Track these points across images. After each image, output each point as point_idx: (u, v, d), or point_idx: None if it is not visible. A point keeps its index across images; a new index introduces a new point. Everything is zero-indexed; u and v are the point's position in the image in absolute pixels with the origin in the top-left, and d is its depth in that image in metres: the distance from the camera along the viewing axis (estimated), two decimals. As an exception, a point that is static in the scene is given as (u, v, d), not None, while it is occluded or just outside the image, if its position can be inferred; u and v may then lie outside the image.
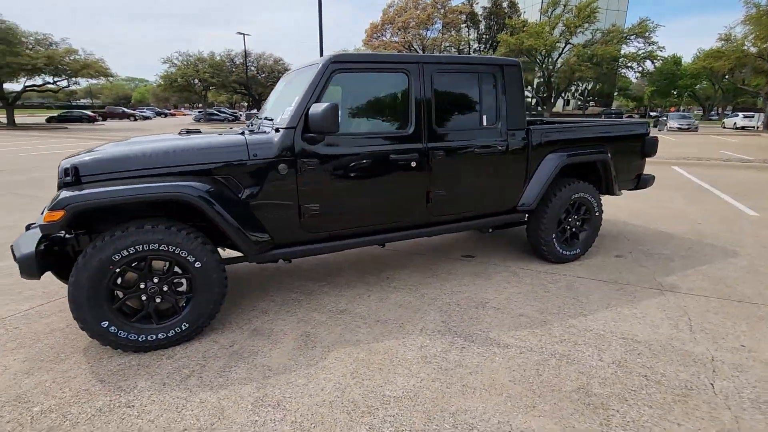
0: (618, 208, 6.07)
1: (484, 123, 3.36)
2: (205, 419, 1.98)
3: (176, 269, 2.51)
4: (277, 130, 2.79)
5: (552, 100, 37.05)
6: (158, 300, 2.49)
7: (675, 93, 48.92)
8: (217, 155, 2.63)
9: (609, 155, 3.89)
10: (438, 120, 3.16)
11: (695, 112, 51.74)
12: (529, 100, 48.34)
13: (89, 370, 2.35)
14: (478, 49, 46.53)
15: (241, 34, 36.54)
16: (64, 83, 31.74)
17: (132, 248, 2.32)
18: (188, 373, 2.33)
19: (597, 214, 3.97)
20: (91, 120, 36.82)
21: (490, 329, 2.78)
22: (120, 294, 2.42)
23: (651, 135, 4.28)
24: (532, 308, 3.08)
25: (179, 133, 3.05)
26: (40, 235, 2.40)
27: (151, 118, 47.12)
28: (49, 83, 31.20)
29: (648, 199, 6.70)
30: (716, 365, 2.39)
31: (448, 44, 43.89)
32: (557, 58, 33.62)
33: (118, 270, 2.35)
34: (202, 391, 2.18)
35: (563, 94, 46.12)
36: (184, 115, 57.66)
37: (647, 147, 4.26)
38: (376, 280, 3.62)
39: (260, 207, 2.73)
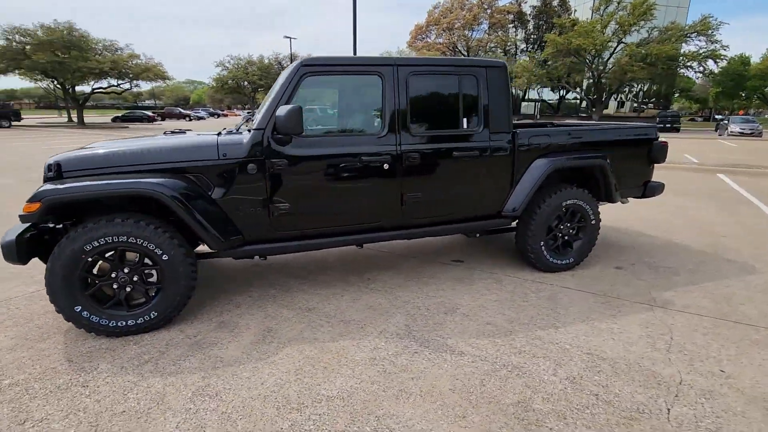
0: (635, 216, 5.71)
1: (465, 126, 3.30)
2: (145, 403, 2.10)
3: (146, 261, 2.67)
4: (250, 131, 2.90)
5: (603, 102, 35.23)
6: (128, 289, 2.67)
7: (743, 95, 45.02)
8: (188, 154, 2.78)
9: (607, 161, 3.69)
10: (413, 123, 3.13)
11: (766, 116, 47.44)
12: (578, 101, 46.35)
13: (63, 350, 2.55)
14: (525, 49, 45.23)
15: (288, 37, 37.63)
16: (127, 85, 34.31)
17: (102, 239, 2.50)
18: (147, 359, 2.47)
19: (593, 222, 3.77)
20: (149, 120, 39.41)
21: (450, 336, 2.73)
22: (93, 281, 2.61)
23: (660, 140, 4.01)
24: (503, 317, 2.98)
25: (164, 134, 3.23)
26: (28, 224, 2.63)
27: (204, 119, 49.57)
28: (113, 86, 33.86)
29: (673, 207, 6.25)
30: (682, 389, 2.22)
31: (493, 45, 43.02)
32: (608, 59, 31.86)
33: (90, 259, 2.54)
34: (152, 376, 2.31)
35: (616, 96, 43.74)
36: (236, 115, 60.08)
37: (655, 153, 3.98)
38: (357, 280, 3.65)
39: (229, 205, 2.84)
